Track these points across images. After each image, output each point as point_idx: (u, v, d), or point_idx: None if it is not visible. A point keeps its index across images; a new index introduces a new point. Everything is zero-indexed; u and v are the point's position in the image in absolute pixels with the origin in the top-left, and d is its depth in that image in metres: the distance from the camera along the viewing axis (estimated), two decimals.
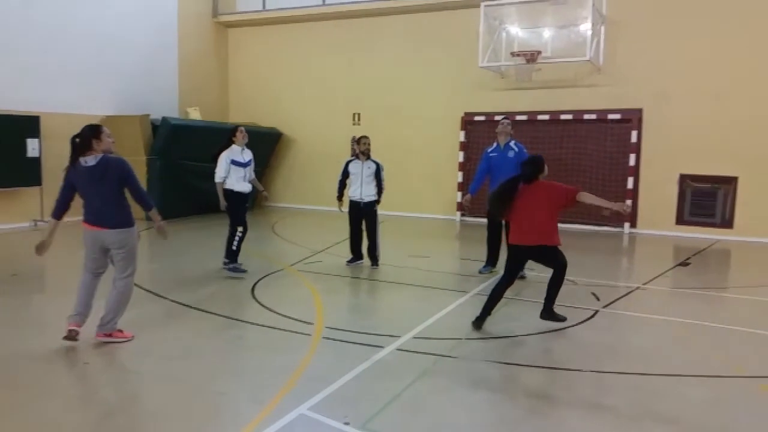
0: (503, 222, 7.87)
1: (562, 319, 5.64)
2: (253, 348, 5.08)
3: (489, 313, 5.64)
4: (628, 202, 12.30)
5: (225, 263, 7.77)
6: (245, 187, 7.78)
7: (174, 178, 13.02)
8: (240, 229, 7.67)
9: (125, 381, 4.49)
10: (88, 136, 4.72)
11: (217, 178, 7.63)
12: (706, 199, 12.07)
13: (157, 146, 12.79)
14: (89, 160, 4.69)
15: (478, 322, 5.60)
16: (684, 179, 12.24)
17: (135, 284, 5.10)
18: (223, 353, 4.92)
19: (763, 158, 11.45)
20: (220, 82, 16.81)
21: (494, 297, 5.65)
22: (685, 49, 11.95)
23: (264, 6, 16.15)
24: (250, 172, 7.86)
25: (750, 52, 11.47)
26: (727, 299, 7.29)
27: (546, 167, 5.55)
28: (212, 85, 16.50)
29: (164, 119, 12.84)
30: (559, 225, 5.54)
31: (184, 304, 6.23)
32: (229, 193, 7.65)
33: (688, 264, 9.31)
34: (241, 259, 7.84)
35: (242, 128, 7.90)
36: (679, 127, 12.06)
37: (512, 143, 7.85)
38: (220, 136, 13.80)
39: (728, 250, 10.91)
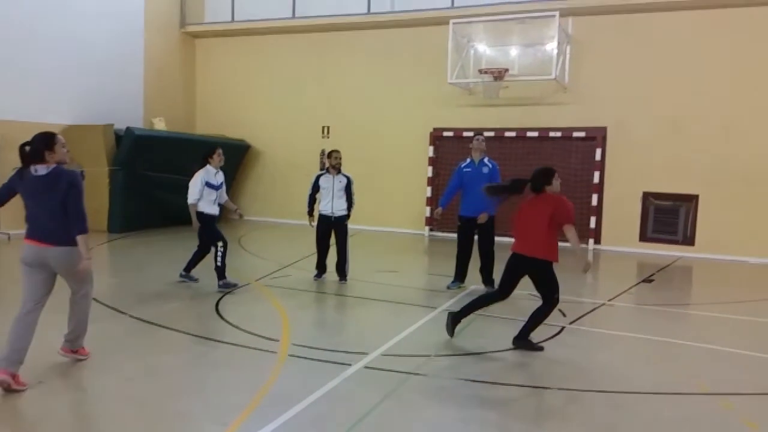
0: (475, 237, 7.89)
1: (539, 348, 5.50)
2: (216, 366, 4.94)
3: (465, 315, 5.66)
4: (593, 218, 12.56)
5: (182, 275, 7.81)
6: (215, 210, 7.68)
7: (137, 189, 12.75)
8: (220, 244, 7.50)
9: (82, 402, 4.30)
10: (39, 147, 4.29)
11: (191, 200, 7.45)
12: (669, 217, 12.35)
13: (121, 157, 12.51)
14: (40, 170, 4.28)
15: (453, 321, 5.64)
16: (647, 197, 12.51)
17: (94, 299, 4.90)
18: (185, 372, 4.76)
19: (722, 177, 11.80)
20: (187, 93, 16.57)
21: (478, 303, 5.67)
22: (648, 69, 12.26)
23: (233, 17, 16.01)
24: (221, 194, 7.74)
25: (709, 74, 11.84)
26: (690, 316, 7.42)
27: (556, 182, 5.44)
28: (179, 95, 16.25)
29: (128, 129, 12.58)
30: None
31: (145, 321, 6.04)
32: (199, 215, 7.50)
33: (652, 280, 9.48)
34: (204, 272, 7.71)
35: (220, 150, 7.72)
36: (642, 145, 12.34)
37: (486, 159, 7.92)
38: (186, 147, 13.60)
39: (690, 266, 11.16)
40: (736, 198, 11.71)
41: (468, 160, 8.01)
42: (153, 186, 13.00)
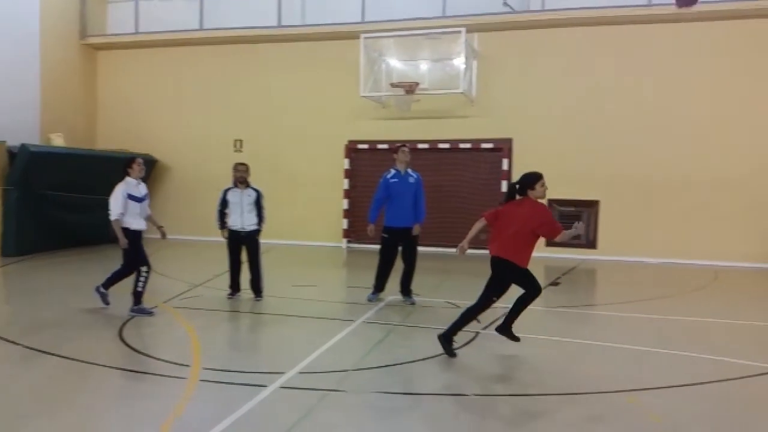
0: (398, 249, 7.89)
1: (452, 355, 5.55)
2: (120, 397, 4.65)
3: (513, 321, 5.75)
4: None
5: (99, 290, 7.30)
6: (141, 225, 7.16)
7: (33, 210, 11.93)
8: (144, 269, 7.02)
9: None
10: None
11: (114, 215, 6.91)
12: (572, 222, 12.84)
13: (14, 176, 11.68)
14: None
15: (503, 331, 5.74)
16: (551, 203, 13.06)
17: None
18: (86, 405, 4.44)
19: (620, 183, 12.58)
20: (87, 107, 15.72)
21: (517, 309, 5.71)
22: (550, 82, 12.91)
23: (137, 28, 15.39)
24: (146, 207, 7.28)
25: (609, 87, 12.61)
26: (594, 316, 7.81)
27: (540, 188, 5.56)
28: (78, 109, 15.38)
29: (23, 146, 11.75)
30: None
31: (40, 350, 5.58)
32: (125, 232, 6.96)
33: (558, 283, 9.89)
34: (110, 297, 7.27)
35: (140, 160, 7.25)
36: (545, 154, 12.87)
37: (410, 170, 7.98)
38: (86, 164, 12.88)
39: (594, 269, 11.77)
40: (634, 203, 12.51)
41: (393, 171, 7.94)
42: (51, 206, 12.19)
